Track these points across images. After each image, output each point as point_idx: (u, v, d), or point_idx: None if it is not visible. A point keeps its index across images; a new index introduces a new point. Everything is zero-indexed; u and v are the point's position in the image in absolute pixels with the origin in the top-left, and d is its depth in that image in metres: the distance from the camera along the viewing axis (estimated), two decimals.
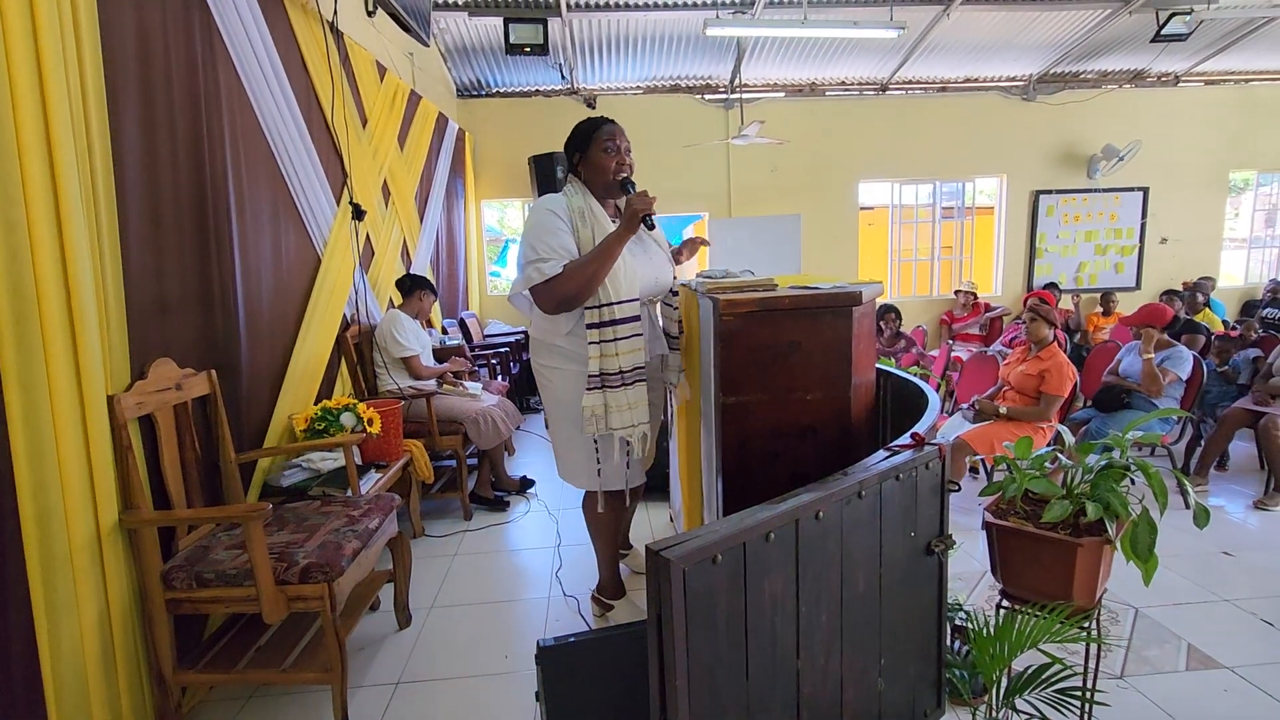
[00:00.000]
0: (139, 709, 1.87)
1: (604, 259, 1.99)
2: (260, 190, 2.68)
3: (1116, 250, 7.28)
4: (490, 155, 6.63)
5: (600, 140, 2.12)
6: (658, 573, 1.07)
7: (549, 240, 2.01)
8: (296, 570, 1.86)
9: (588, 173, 2.16)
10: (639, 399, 2.08)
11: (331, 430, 2.70)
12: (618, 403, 2.04)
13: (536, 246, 2.01)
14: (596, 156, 2.13)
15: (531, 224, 2.07)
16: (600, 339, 2.02)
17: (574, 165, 2.19)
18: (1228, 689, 2.03)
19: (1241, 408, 3.67)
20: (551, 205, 2.09)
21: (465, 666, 2.26)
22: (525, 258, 2.04)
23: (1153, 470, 1.56)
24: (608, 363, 2.03)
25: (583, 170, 2.17)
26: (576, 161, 2.17)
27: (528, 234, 2.06)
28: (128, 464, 1.83)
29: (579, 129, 2.18)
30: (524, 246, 2.06)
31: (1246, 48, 6.38)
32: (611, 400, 2.04)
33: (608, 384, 2.03)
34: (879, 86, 6.82)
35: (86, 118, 1.75)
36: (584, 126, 2.17)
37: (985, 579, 2.70)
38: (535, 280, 2.00)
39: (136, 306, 1.95)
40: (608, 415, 2.04)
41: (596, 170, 2.14)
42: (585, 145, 2.14)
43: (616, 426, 2.05)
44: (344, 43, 3.51)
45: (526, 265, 2.03)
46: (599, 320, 2.02)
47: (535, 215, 2.09)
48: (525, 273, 2.03)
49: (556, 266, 1.99)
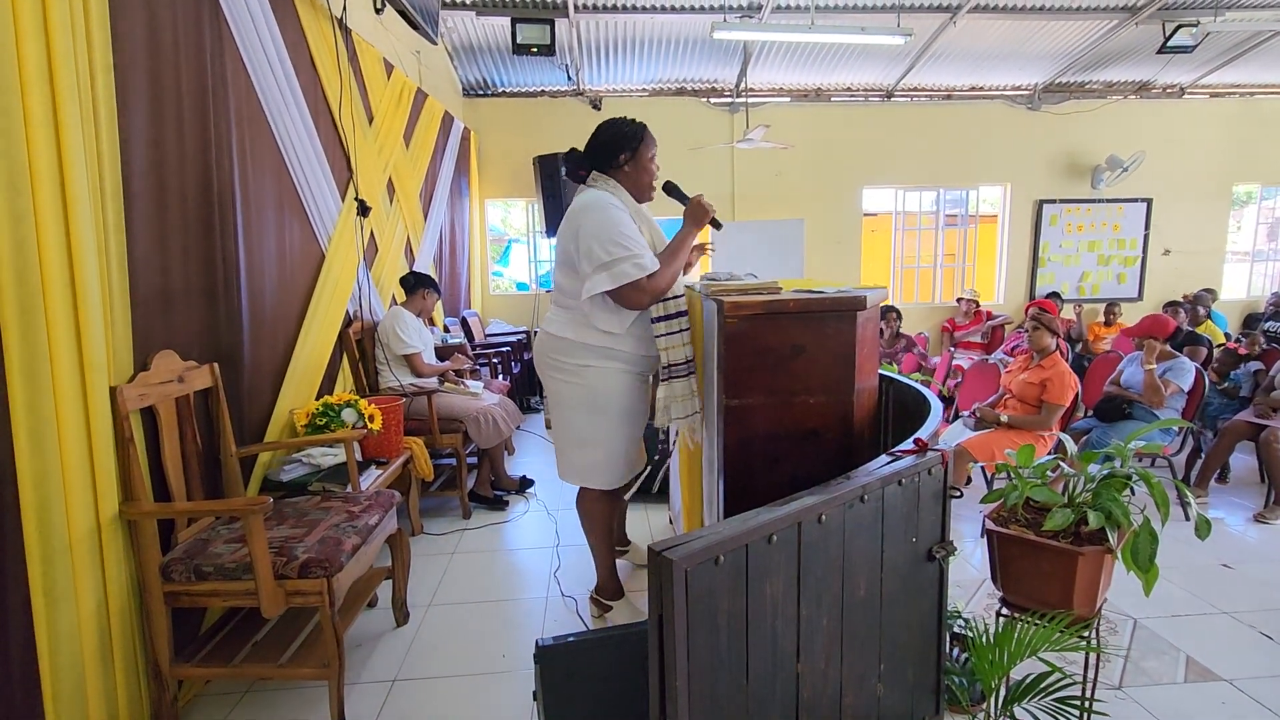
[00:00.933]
0: (135, 701, 1.87)
1: (681, 255, 2.08)
2: (265, 184, 2.68)
3: (1119, 261, 7.28)
4: (495, 155, 6.64)
5: (649, 146, 2.19)
6: (659, 573, 1.07)
7: (632, 235, 2.02)
8: (295, 565, 1.86)
9: (634, 173, 2.18)
10: (694, 388, 2.09)
11: (332, 426, 2.69)
12: (681, 392, 2.05)
13: (622, 243, 1.98)
14: (646, 161, 2.19)
15: (603, 221, 2.02)
16: (668, 331, 2.04)
17: (616, 163, 2.17)
18: (1225, 701, 2.02)
19: (1243, 420, 3.67)
20: (613, 202, 2.08)
21: (462, 665, 2.25)
22: (610, 254, 1.98)
23: (1155, 480, 1.56)
24: (674, 354, 2.04)
25: (629, 170, 2.17)
26: (624, 160, 2.16)
27: (603, 230, 2.00)
28: (129, 455, 1.82)
29: (629, 130, 2.17)
30: (601, 243, 1.99)
31: (1252, 61, 6.39)
32: (678, 389, 2.05)
33: (674, 374, 2.04)
34: (884, 93, 6.83)
35: (95, 109, 1.75)
36: (632, 128, 2.18)
37: (984, 587, 2.70)
38: (634, 276, 1.97)
39: (141, 298, 1.95)
40: (673, 406, 2.06)
41: (644, 173, 2.19)
42: (636, 146, 2.17)
43: (676, 415, 2.06)
44: (352, 39, 3.51)
45: (617, 262, 1.97)
46: (666, 313, 2.04)
47: (603, 213, 2.04)
48: (617, 270, 1.97)
49: (654, 261, 2.01)
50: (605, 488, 2.30)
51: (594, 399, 2.19)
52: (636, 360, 2.19)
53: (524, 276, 8.12)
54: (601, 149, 2.18)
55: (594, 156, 2.20)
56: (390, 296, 3.99)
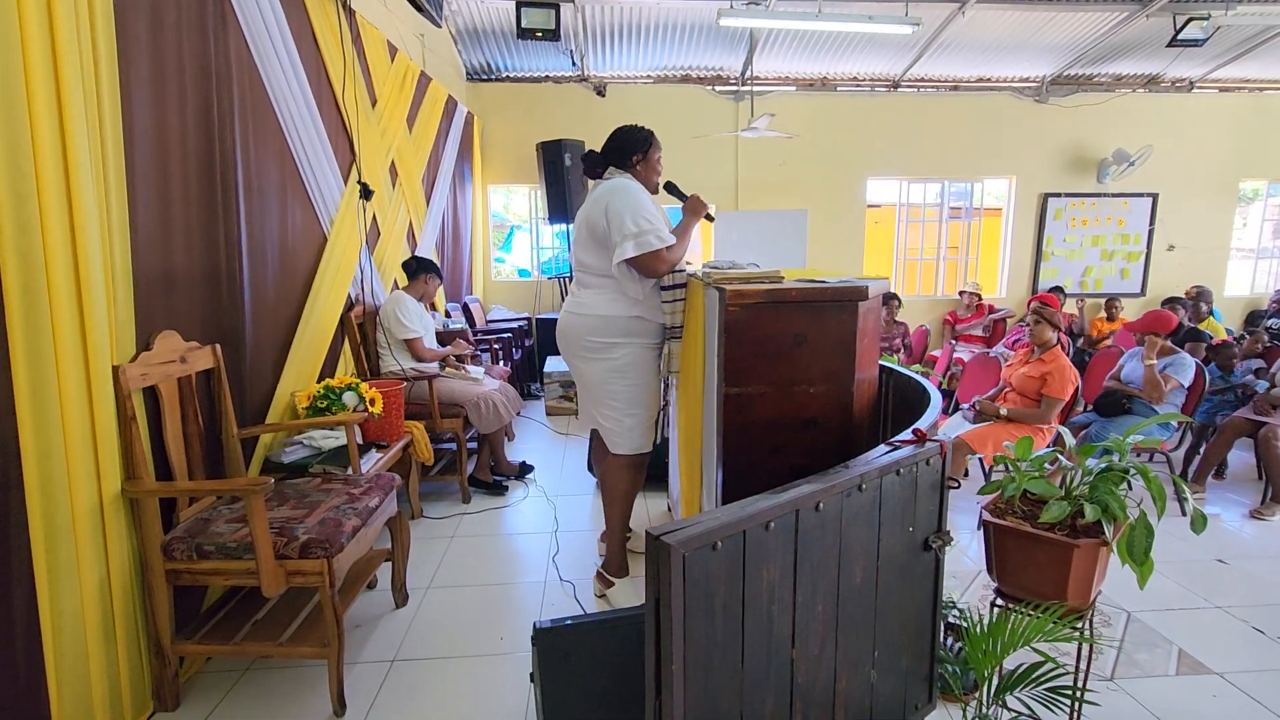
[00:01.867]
0: (137, 677, 1.89)
1: (688, 236, 2.43)
2: (268, 166, 2.67)
3: (1123, 256, 7.25)
4: (498, 140, 6.60)
5: (658, 150, 2.55)
6: (658, 557, 1.08)
7: (656, 215, 2.34)
8: (296, 545, 1.87)
9: (645, 171, 2.52)
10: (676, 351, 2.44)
11: (333, 409, 2.70)
12: (675, 350, 2.39)
13: (649, 218, 2.29)
14: (654, 161, 2.54)
15: (632, 200, 2.32)
16: (673, 299, 2.35)
17: (630, 162, 2.50)
18: (1216, 694, 2.04)
19: (1242, 417, 3.67)
20: (637, 187, 2.41)
21: (461, 646, 2.28)
22: (638, 227, 2.27)
23: (1152, 475, 1.56)
24: (675, 318, 2.36)
25: (641, 168, 2.51)
26: (636, 161, 2.50)
27: (632, 206, 2.29)
28: (131, 434, 1.83)
29: (641, 135, 2.52)
30: (630, 217, 2.28)
31: (1262, 56, 6.33)
32: (674, 348, 2.39)
33: (674, 335, 2.38)
34: (891, 83, 6.78)
35: (98, 90, 1.74)
36: (645, 134, 2.53)
37: (980, 578, 2.72)
38: (657, 246, 2.27)
39: (143, 279, 1.95)
40: (671, 359, 2.41)
41: (652, 171, 2.54)
42: (647, 149, 2.52)
43: (675, 370, 2.41)
44: (356, 21, 3.49)
45: (642, 233, 2.27)
46: (673, 283, 2.34)
47: (632, 194, 2.34)
48: (642, 240, 2.27)
49: (671, 236, 2.33)
50: (634, 452, 2.51)
51: (619, 372, 2.46)
52: (652, 331, 2.46)
53: (526, 263, 8.11)
54: (619, 149, 2.51)
55: (611, 155, 2.52)
56: (392, 280, 3.99)
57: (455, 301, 5.53)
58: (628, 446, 2.50)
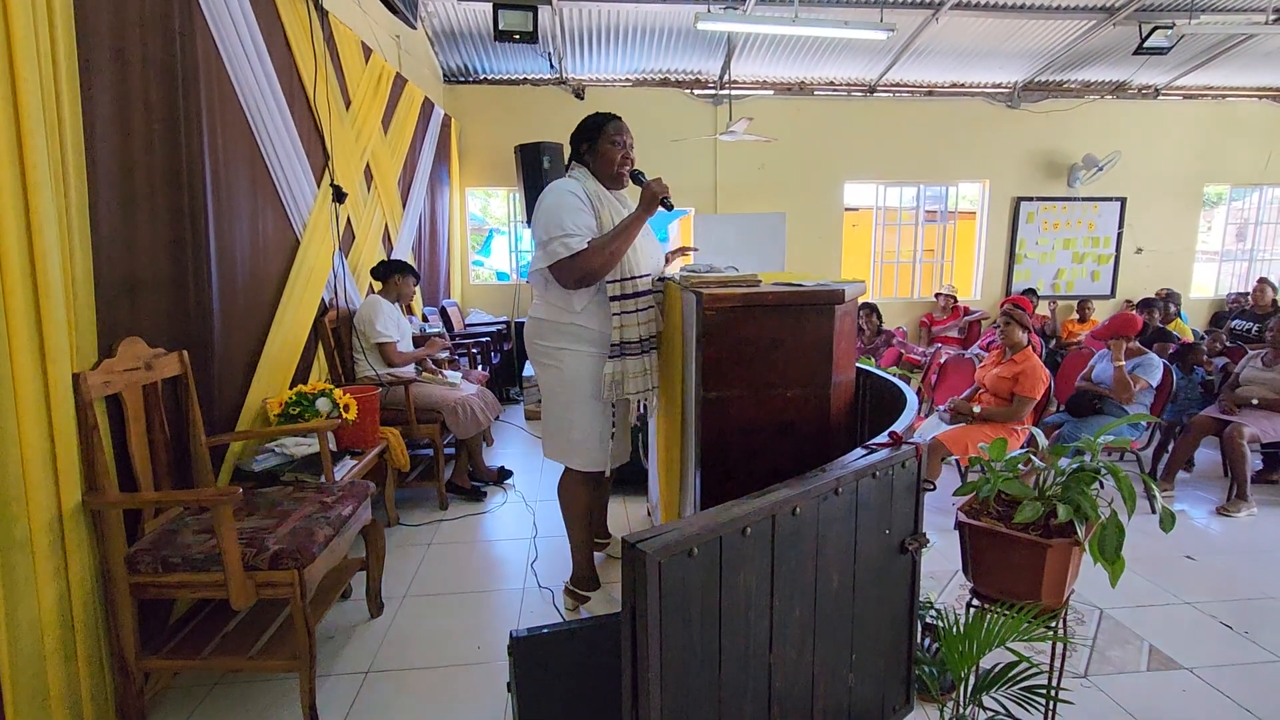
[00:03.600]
0: (99, 695, 1.83)
1: (625, 237, 2.14)
2: (238, 168, 2.62)
3: (1093, 258, 7.40)
4: (476, 143, 6.56)
5: (608, 134, 2.28)
6: (633, 565, 1.06)
7: (572, 218, 2.13)
8: (266, 556, 1.83)
9: (595, 162, 2.29)
10: (652, 365, 2.24)
11: (306, 415, 2.65)
12: (633, 369, 2.19)
13: (561, 224, 2.11)
14: (604, 148, 2.28)
15: (551, 204, 2.16)
16: (622, 310, 2.16)
17: (580, 155, 2.32)
18: (1186, 689, 2.08)
19: (1208, 416, 3.76)
20: (570, 188, 2.20)
21: (437, 656, 2.24)
22: (548, 234, 2.12)
23: (1122, 474, 1.59)
24: (628, 332, 2.17)
25: (589, 160, 2.30)
26: (584, 151, 2.30)
27: (548, 213, 2.14)
28: (93, 444, 1.78)
29: (589, 122, 2.30)
30: (543, 224, 2.14)
31: (1225, 64, 6.51)
32: (630, 366, 2.19)
33: (627, 352, 2.18)
34: (867, 88, 6.85)
35: (57, 88, 1.69)
36: (594, 120, 2.30)
37: (957, 578, 2.74)
38: (560, 255, 2.10)
39: (106, 283, 1.90)
40: (625, 381, 2.19)
41: (603, 160, 2.28)
42: (594, 137, 2.28)
43: (631, 392, 2.20)
44: (328, 21, 3.44)
45: (550, 241, 2.11)
46: (622, 293, 2.16)
47: (555, 196, 2.17)
48: (549, 248, 2.11)
49: (581, 243, 2.11)
50: (583, 469, 2.37)
51: (568, 381, 2.29)
52: (603, 340, 2.26)
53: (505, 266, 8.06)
54: (572, 142, 2.35)
55: (572, 149, 2.36)
56: (367, 285, 3.93)
57: (433, 305, 5.48)
58: (576, 462, 2.36)
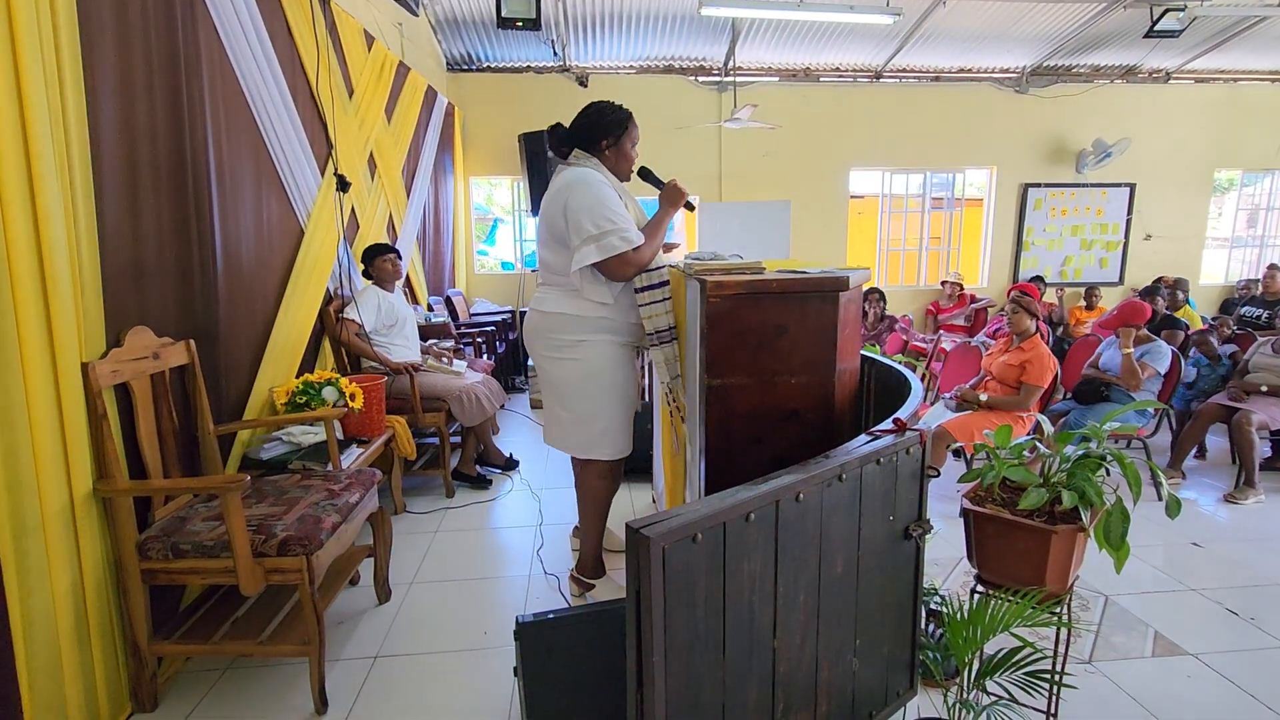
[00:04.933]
0: (113, 679, 1.86)
1: (663, 231, 2.19)
2: (242, 157, 2.62)
3: (1102, 245, 7.34)
4: (480, 131, 6.54)
5: (632, 134, 2.29)
6: (637, 550, 1.07)
7: (619, 211, 2.11)
8: (275, 543, 1.85)
9: (615, 159, 2.28)
10: (674, 354, 2.18)
11: (313, 404, 2.67)
12: (665, 356, 2.15)
13: (610, 217, 2.08)
14: (628, 149, 2.29)
15: (592, 197, 2.10)
16: (650, 300, 2.13)
17: (599, 146, 2.26)
18: (1190, 675, 2.08)
19: (1216, 403, 3.74)
20: (600, 179, 2.17)
21: (444, 642, 2.26)
22: (599, 228, 2.07)
23: (1128, 461, 1.58)
24: (657, 321, 2.14)
25: (610, 155, 2.27)
26: (605, 145, 2.25)
27: (591, 206, 2.09)
28: (102, 433, 1.79)
29: (611, 118, 2.25)
30: (590, 218, 2.08)
31: (1237, 47, 6.42)
32: (668, 353, 2.15)
33: (661, 340, 2.14)
34: (873, 74, 6.79)
35: (61, 79, 1.69)
36: (618, 115, 2.27)
37: (961, 565, 2.74)
38: (621, 249, 2.07)
39: (112, 273, 1.91)
40: (664, 366, 2.15)
41: (624, 160, 2.30)
42: (620, 134, 2.26)
43: (675, 375, 2.16)
44: (330, 9, 3.42)
45: (604, 235, 2.07)
46: (649, 284, 2.13)
47: (592, 189, 2.12)
48: (606, 242, 2.07)
49: (639, 235, 2.11)
50: (613, 457, 2.35)
51: (591, 373, 2.26)
52: (627, 329, 2.26)
53: (509, 256, 8.05)
54: (587, 130, 2.25)
55: (578, 136, 2.27)
56: None
57: (438, 295, 5.49)
58: (604, 452, 2.33)
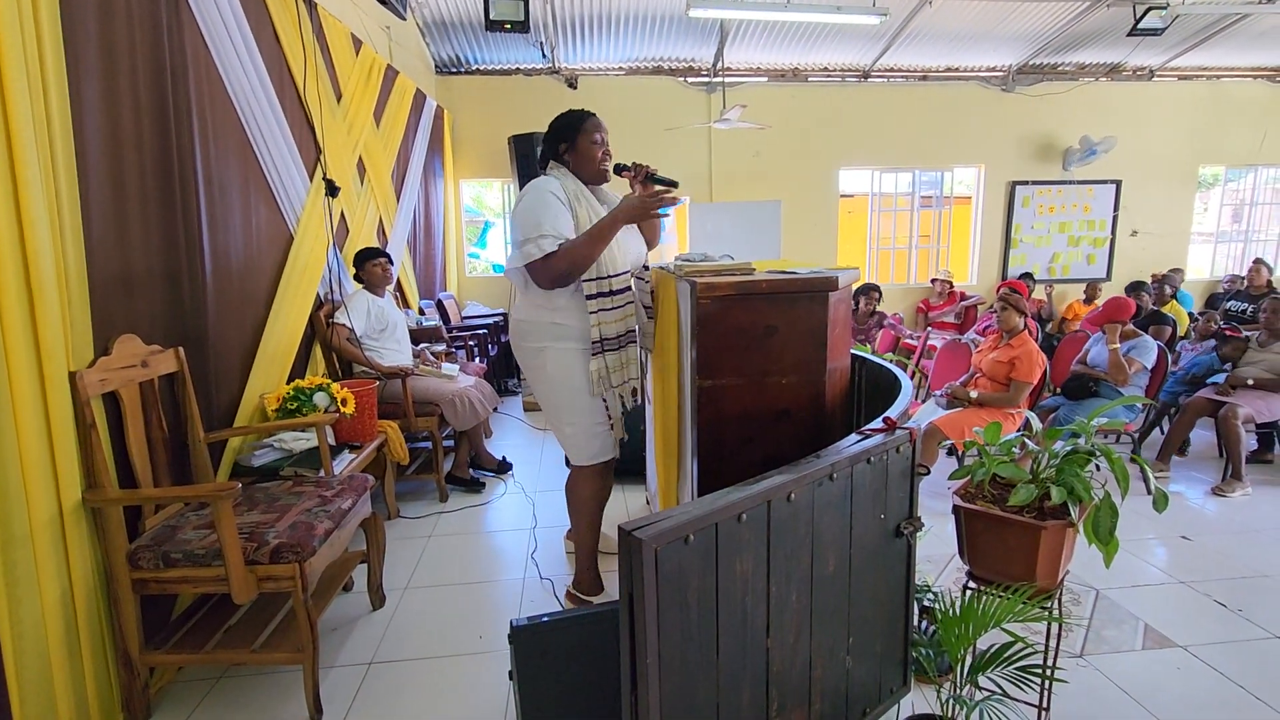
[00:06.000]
0: (104, 689, 1.85)
1: (599, 240, 2.11)
2: (229, 163, 2.61)
3: (1089, 242, 7.40)
4: (469, 134, 6.53)
5: (588, 132, 2.24)
6: (630, 552, 1.07)
7: (550, 219, 2.10)
8: (267, 550, 1.84)
9: (576, 161, 2.26)
10: (631, 358, 2.30)
11: (304, 410, 2.66)
12: (615, 363, 2.24)
13: (538, 224, 2.08)
14: (585, 148, 2.25)
15: (530, 204, 2.13)
16: (600, 308, 2.17)
17: (559, 154, 2.27)
18: (1180, 667, 2.10)
19: (1203, 397, 3.77)
20: (548, 187, 2.16)
21: (439, 646, 2.26)
22: (524, 234, 2.10)
23: (1115, 456, 1.60)
24: (606, 329, 2.19)
25: (570, 159, 2.26)
26: (563, 151, 2.26)
27: (525, 213, 2.12)
28: (91, 442, 1.78)
29: (564, 121, 2.26)
30: (520, 224, 2.12)
31: (1219, 44, 6.48)
32: (610, 361, 2.23)
33: (606, 348, 2.21)
34: (861, 73, 6.82)
35: (45, 84, 1.68)
36: (569, 119, 2.26)
37: (953, 561, 2.76)
38: (533, 256, 2.07)
39: (99, 281, 1.89)
40: (609, 375, 2.24)
41: (584, 160, 2.25)
42: (573, 136, 2.24)
43: (616, 384, 2.27)
44: (317, 13, 3.41)
45: (524, 242, 2.09)
46: (598, 291, 2.17)
47: (532, 196, 2.14)
48: (523, 249, 2.10)
49: (553, 244, 2.08)
50: (583, 463, 2.37)
51: (555, 378, 2.29)
52: (582, 335, 2.25)
53: (501, 258, 8.04)
54: (547, 142, 2.29)
55: (547, 147, 2.31)
56: None
57: (429, 299, 5.47)
58: (580, 456, 2.36)
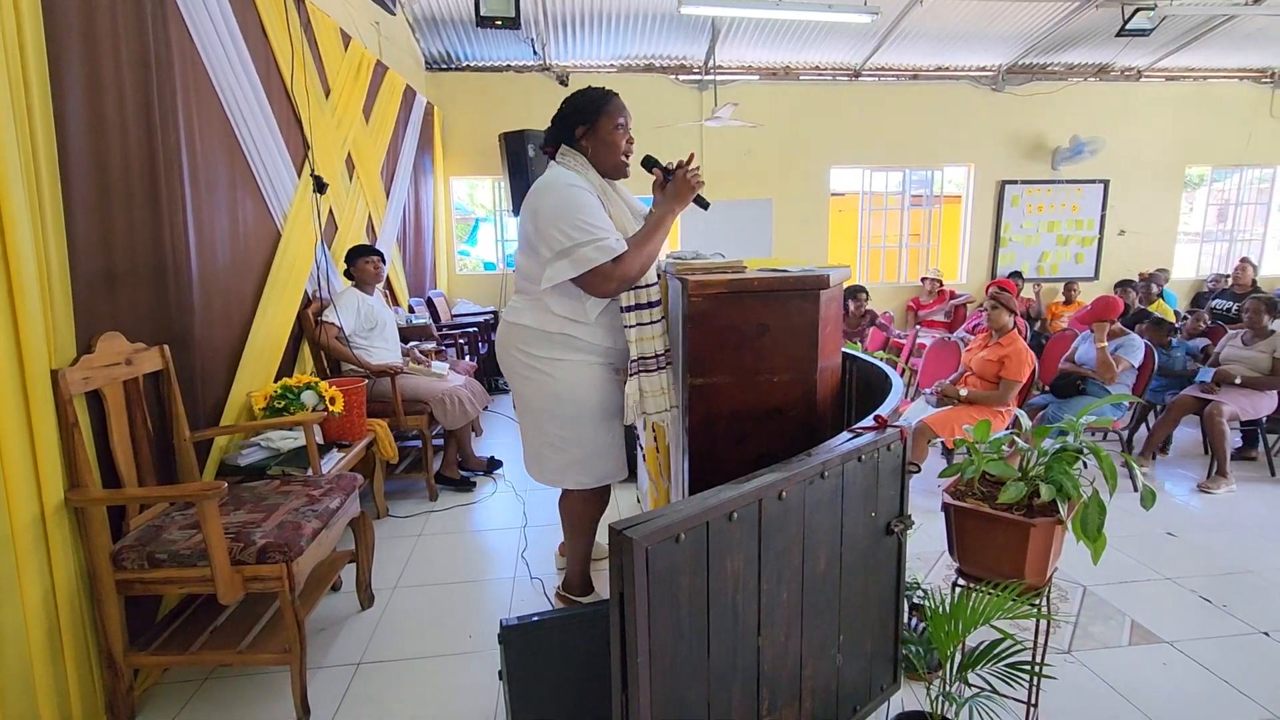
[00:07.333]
0: (88, 692, 1.82)
1: (659, 238, 1.88)
2: (215, 158, 2.57)
3: (1077, 241, 7.46)
4: (460, 131, 6.49)
5: (613, 115, 1.96)
6: (621, 551, 1.07)
7: (595, 217, 1.84)
8: (253, 550, 1.82)
9: (595, 148, 1.97)
10: (668, 383, 1.94)
11: (292, 409, 2.63)
12: (653, 387, 1.91)
13: (585, 225, 1.81)
14: (609, 133, 1.96)
15: (562, 203, 1.84)
16: (638, 322, 1.89)
17: (575, 137, 1.98)
18: (1166, 662, 2.12)
19: (1189, 395, 3.81)
20: (576, 182, 1.90)
21: (428, 646, 2.24)
22: (571, 239, 1.81)
23: (1104, 453, 1.61)
24: (645, 346, 1.89)
25: (588, 145, 1.97)
26: (580, 134, 1.97)
27: (561, 214, 1.83)
28: (73, 441, 1.76)
29: (587, 98, 1.96)
30: (560, 228, 1.82)
31: (1206, 45, 6.55)
32: (646, 385, 1.91)
33: (644, 368, 1.90)
34: (852, 72, 6.83)
35: (26, 78, 1.65)
36: (592, 96, 1.97)
37: (943, 559, 2.77)
38: (597, 261, 1.79)
39: (82, 278, 1.86)
40: (643, 400, 1.92)
41: (608, 148, 1.97)
42: (595, 117, 1.95)
43: (651, 411, 1.93)
44: (305, 8, 3.38)
45: (581, 246, 1.80)
46: (636, 303, 1.88)
47: (563, 193, 1.86)
48: (579, 255, 1.80)
49: (620, 243, 1.82)
50: (598, 484, 2.14)
51: (566, 395, 2.01)
52: (606, 352, 2.02)
53: (491, 256, 8.01)
54: (560, 121, 1.99)
55: (556, 129, 2.01)
56: None
57: (419, 296, 5.44)
58: (585, 481, 2.10)
